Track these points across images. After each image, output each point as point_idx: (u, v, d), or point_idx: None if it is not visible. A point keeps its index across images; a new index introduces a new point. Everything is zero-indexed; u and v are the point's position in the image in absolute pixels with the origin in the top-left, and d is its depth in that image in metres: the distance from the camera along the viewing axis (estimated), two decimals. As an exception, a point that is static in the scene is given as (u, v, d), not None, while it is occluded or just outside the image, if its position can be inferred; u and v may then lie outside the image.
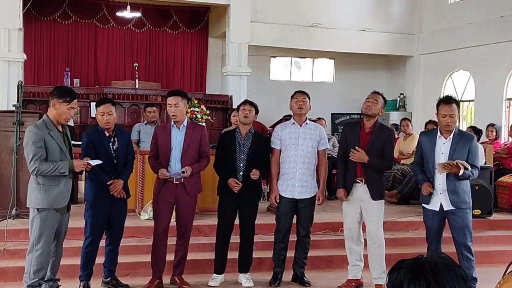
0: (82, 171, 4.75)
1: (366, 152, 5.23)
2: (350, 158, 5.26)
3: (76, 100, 4.65)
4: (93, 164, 4.76)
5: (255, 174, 5.37)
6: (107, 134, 5.08)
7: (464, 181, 5.12)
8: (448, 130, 5.10)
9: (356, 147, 5.24)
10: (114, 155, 5.08)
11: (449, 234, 5.31)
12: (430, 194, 5.16)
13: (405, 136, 9.59)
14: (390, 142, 5.43)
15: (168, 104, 5.25)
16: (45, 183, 4.48)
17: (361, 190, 5.33)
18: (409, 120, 9.81)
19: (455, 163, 4.93)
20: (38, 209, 4.48)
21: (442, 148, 5.12)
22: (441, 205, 5.12)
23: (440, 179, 5.10)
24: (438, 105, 5.17)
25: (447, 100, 5.11)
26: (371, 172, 5.28)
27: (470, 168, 4.99)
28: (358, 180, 5.33)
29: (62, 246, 4.81)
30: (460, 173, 4.94)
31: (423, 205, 5.31)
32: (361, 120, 5.46)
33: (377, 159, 5.27)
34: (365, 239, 5.52)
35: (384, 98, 5.44)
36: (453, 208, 5.08)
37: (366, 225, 5.45)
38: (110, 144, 5.08)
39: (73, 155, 4.84)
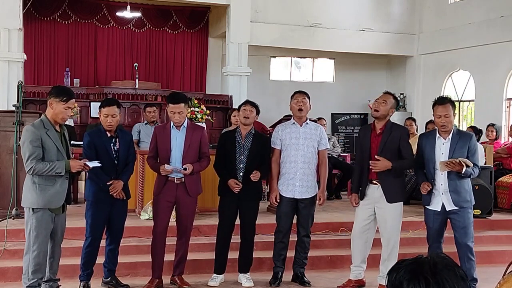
0: (79, 171, 4.71)
1: (379, 155, 5.18)
2: (372, 169, 5.19)
3: (73, 100, 4.62)
4: (91, 166, 4.73)
5: (255, 176, 5.37)
6: (109, 135, 5.08)
7: (466, 180, 5.12)
8: (445, 130, 5.10)
9: (376, 156, 5.17)
10: (114, 155, 5.07)
11: (450, 235, 5.31)
12: (430, 193, 5.15)
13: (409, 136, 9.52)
14: (405, 140, 5.34)
15: (172, 111, 5.21)
16: (41, 183, 4.46)
17: (377, 191, 5.28)
18: (414, 120, 9.62)
19: (458, 161, 4.93)
20: (33, 209, 4.45)
21: (442, 148, 5.12)
22: (443, 206, 5.11)
23: (442, 179, 5.09)
24: (433, 106, 5.17)
25: (441, 101, 5.12)
26: (387, 173, 5.20)
27: (471, 166, 4.99)
28: (374, 182, 5.29)
29: (60, 246, 4.77)
30: (463, 171, 4.93)
31: (424, 206, 5.30)
32: (373, 122, 5.44)
33: (399, 162, 5.22)
34: (378, 239, 5.49)
35: (395, 98, 5.41)
36: (455, 208, 5.08)
37: (379, 227, 5.40)
38: (111, 144, 5.07)
39: (72, 155, 4.83)
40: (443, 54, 12.80)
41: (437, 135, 5.17)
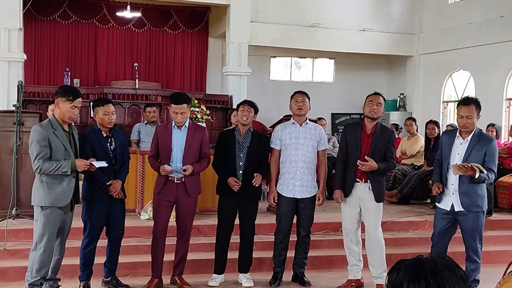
0: (86, 171, 4.74)
1: (370, 156, 5.22)
2: (360, 168, 5.23)
3: (79, 99, 4.69)
4: (97, 166, 4.76)
5: (257, 180, 5.38)
6: (105, 135, 5.08)
7: (479, 185, 5.02)
8: (465, 131, 5.05)
9: (366, 157, 5.21)
10: (112, 155, 5.08)
11: (456, 234, 5.29)
12: (440, 193, 5.13)
13: (409, 136, 9.51)
14: (392, 144, 5.42)
15: (174, 112, 5.21)
16: (49, 182, 4.55)
17: (361, 189, 5.32)
18: (414, 120, 9.61)
19: (470, 166, 4.84)
20: (41, 207, 4.54)
21: (459, 148, 5.07)
22: (452, 206, 5.08)
23: (453, 179, 5.06)
24: (457, 105, 5.16)
25: (466, 102, 5.07)
26: (374, 173, 5.26)
27: (485, 172, 4.89)
28: (358, 180, 5.33)
29: (65, 245, 4.84)
30: (476, 176, 4.85)
31: (436, 203, 5.30)
32: (362, 121, 5.44)
33: (384, 163, 5.28)
34: (363, 239, 5.52)
35: (383, 99, 5.44)
36: (463, 210, 5.03)
37: (365, 224, 5.44)
38: (108, 144, 5.08)
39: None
40: (443, 54, 12.80)
41: (457, 134, 5.13)
